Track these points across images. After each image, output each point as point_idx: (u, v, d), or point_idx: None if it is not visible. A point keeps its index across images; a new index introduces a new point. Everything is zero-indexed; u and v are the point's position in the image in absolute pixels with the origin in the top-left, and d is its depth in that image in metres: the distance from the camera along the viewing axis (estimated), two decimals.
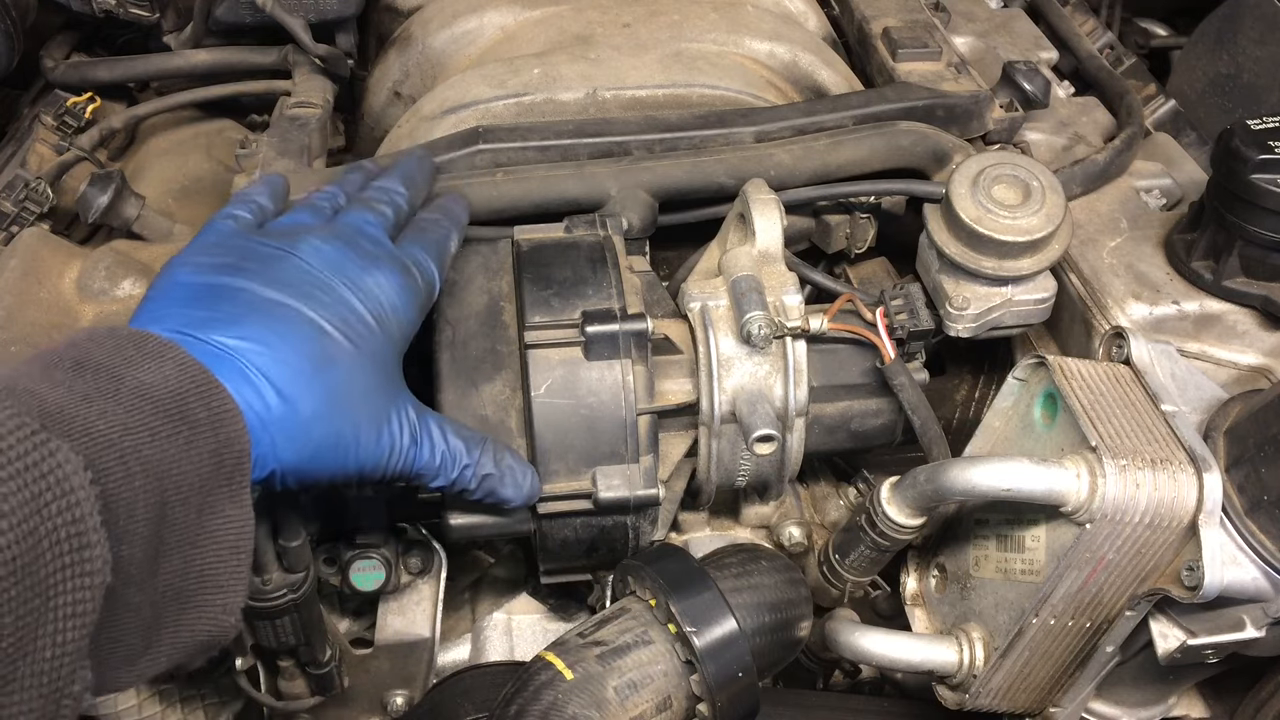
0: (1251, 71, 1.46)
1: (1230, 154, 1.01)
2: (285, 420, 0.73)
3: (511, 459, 0.90)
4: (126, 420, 0.63)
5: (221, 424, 0.68)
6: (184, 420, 0.66)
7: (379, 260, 0.84)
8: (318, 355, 0.76)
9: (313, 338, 0.76)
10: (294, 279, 0.79)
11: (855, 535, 0.98)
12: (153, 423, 0.64)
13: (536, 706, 0.83)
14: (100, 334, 0.69)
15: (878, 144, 1.13)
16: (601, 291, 0.96)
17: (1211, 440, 0.90)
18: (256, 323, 0.75)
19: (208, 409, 0.67)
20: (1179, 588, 0.85)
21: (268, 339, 0.74)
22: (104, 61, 1.44)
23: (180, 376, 0.67)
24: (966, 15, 1.45)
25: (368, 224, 0.87)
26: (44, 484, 0.55)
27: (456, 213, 0.98)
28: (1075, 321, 1.11)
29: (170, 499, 0.64)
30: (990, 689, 0.95)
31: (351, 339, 0.79)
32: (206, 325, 0.73)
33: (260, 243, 0.82)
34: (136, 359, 0.67)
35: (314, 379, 0.75)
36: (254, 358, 0.73)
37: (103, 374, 0.65)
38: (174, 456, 0.64)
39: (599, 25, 1.32)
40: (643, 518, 0.98)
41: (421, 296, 0.87)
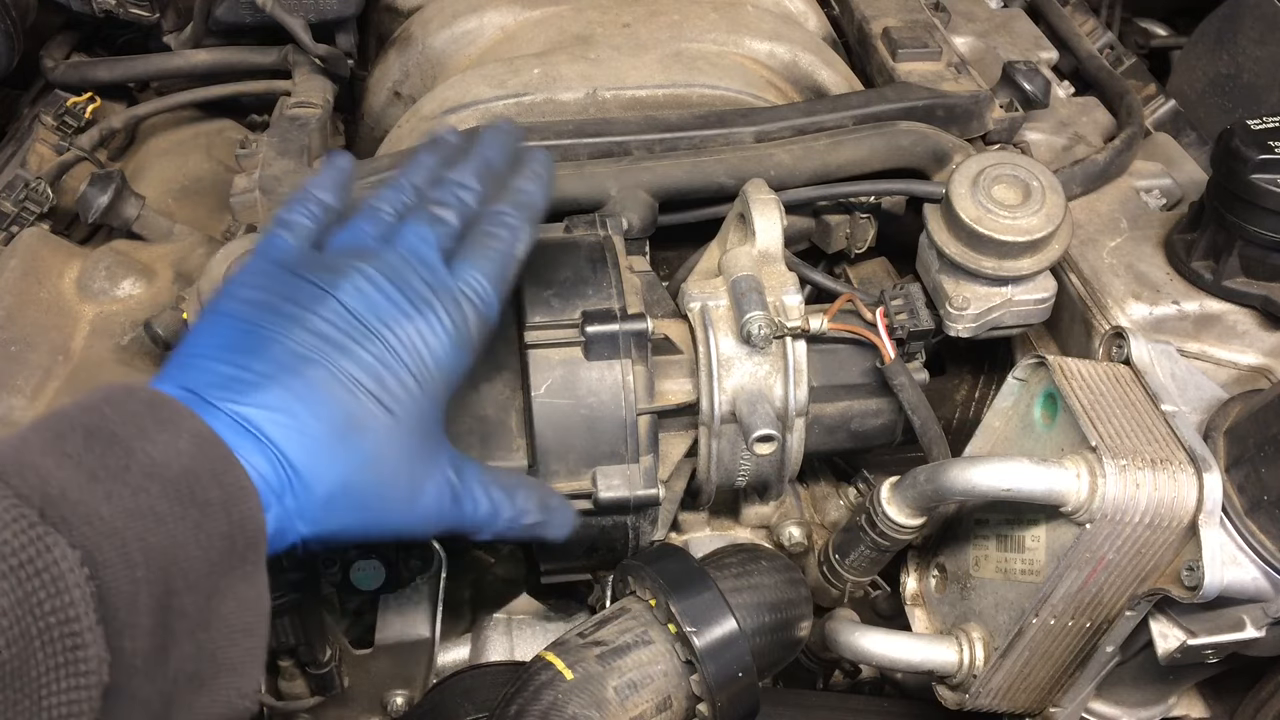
0: (1251, 71, 1.46)
1: (1230, 154, 1.01)
2: (302, 498, 0.70)
3: (555, 500, 0.87)
4: (133, 504, 0.60)
5: (235, 504, 0.65)
6: (194, 502, 0.63)
7: (428, 302, 0.77)
8: (345, 424, 0.72)
9: (341, 404, 0.72)
10: (330, 329, 0.73)
11: (855, 535, 0.98)
12: (160, 506, 0.61)
13: (536, 706, 0.83)
14: (118, 396, 0.66)
15: (878, 144, 1.13)
16: (601, 291, 0.96)
17: (1211, 440, 0.90)
18: (282, 387, 0.71)
19: (221, 488, 0.65)
20: (1179, 588, 0.85)
21: (292, 408, 0.70)
22: (104, 61, 1.44)
23: (195, 452, 0.65)
24: (966, 15, 1.45)
25: (424, 244, 0.79)
26: (38, 581, 0.54)
27: (532, 198, 0.87)
28: (1075, 321, 1.11)
29: (177, 586, 0.62)
30: (990, 689, 0.95)
31: (386, 403, 0.73)
32: (230, 387, 0.70)
33: (304, 278, 0.76)
34: (151, 429, 0.64)
35: (336, 454, 0.71)
36: (274, 430, 0.69)
37: (115, 447, 0.62)
38: (181, 542, 0.62)
39: (599, 25, 1.32)
40: (643, 518, 0.98)
41: (473, 335, 0.79)
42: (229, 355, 0.72)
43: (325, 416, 0.71)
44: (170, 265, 1.16)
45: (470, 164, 0.88)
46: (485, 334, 0.81)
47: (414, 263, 0.78)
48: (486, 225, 0.84)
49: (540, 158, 0.92)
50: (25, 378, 1.05)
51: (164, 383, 0.71)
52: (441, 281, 0.78)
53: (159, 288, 1.14)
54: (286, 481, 0.69)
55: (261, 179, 1.11)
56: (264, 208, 1.08)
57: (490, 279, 0.80)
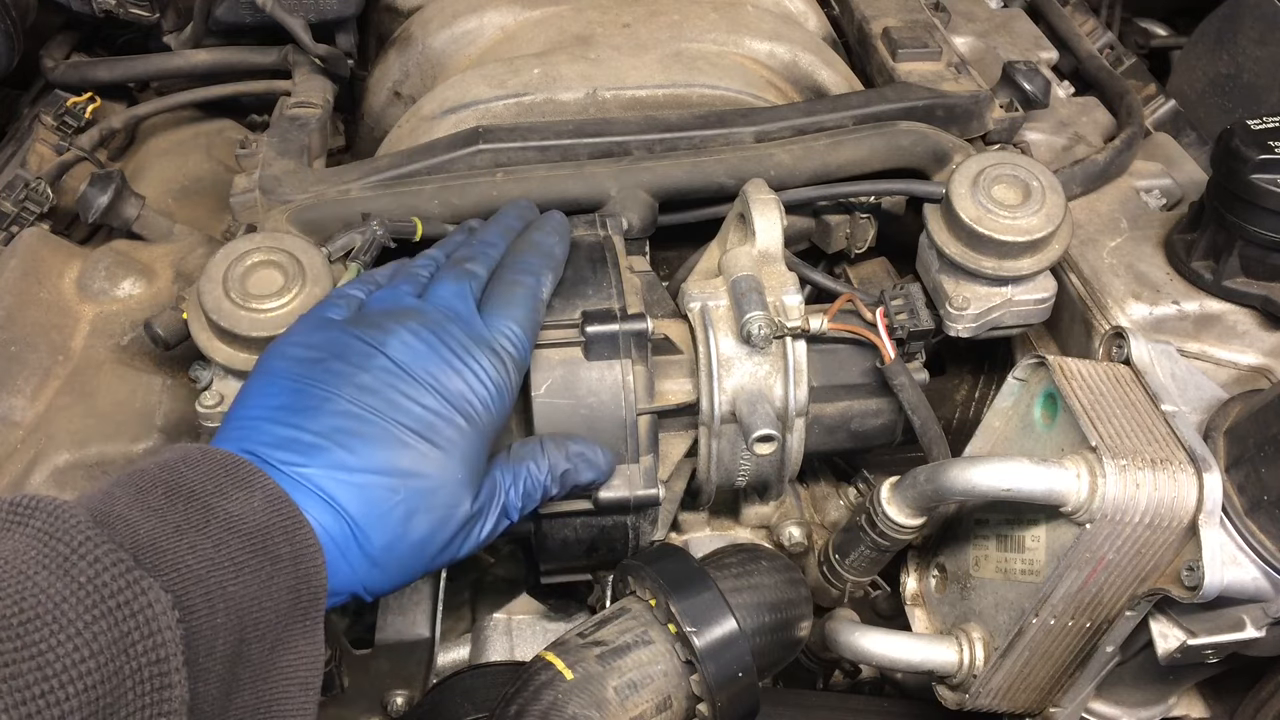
0: (1251, 71, 1.46)
1: (1230, 154, 1.01)
2: (363, 549, 0.74)
3: (577, 445, 0.89)
4: (214, 555, 0.64)
5: (302, 560, 0.69)
6: (267, 555, 0.67)
7: (469, 351, 0.82)
8: (400, 471, 0.76)
9: (395, 453, 0.76)
10: (379, 385, 0.78)
11: (855, 535, 0.98)
12: (239, 557, 0.65)
13: (536, 706, 0.83)
14: (194, 456, 0.70)
15: (878, 144, 1.13)
16: (601, 291, 0.96)
17: (1211, 440, 0.90)
18: (340, 447, 0.75)
19: (291, 544, 0.69)
20: (1179, 588, 0.85)
21: (347, 463, 0.74)
22: (104, 61, 1.44)
23: (267, 510, 0.68)
24: (966, 15, 1.45)
25: (458, 299, 0.86)
26: (133, 623, 0.57)
27: (551, 247, 0.95)
28: (1075, 321, 1.11)
29: (249, 635, 0.65)
30: (990, 689, 0.95)
31: (439, 444, 0.78)
32: (289, 448, 0.74)
33: (354, 335, 0.81)
34: (227, 487, 0.68)
35: (393, 503, 0.75)
36: (333, 488, 0.73)
37: (194, 504, 0.66)
38: (255, 593, 0.65)
39: (599, 25, 1.32)
40: (643, 518, 0.98)
41: (511, 378, 0.85)
42: (285, 416, 0.76)
43: (382, 468, 0.75)
44: (170, 265, 1.16)
45: (492, 227, 0.96)
46: (520, 378, 0.86)
47: (451, 315, 0.84)
48: (510, 274, 0.90)
49: (556, 216, 1.00)
50: (25, 378, 1.05)
51: (224, 444, 0.75)
52: (478, 331, 0.84)
53: (159, 288, 1.15)
54: (350, 534, 0.73)
55: (261, 179, 1.11)
56: (264, 208, 1.08)
57: (521, 325, 0.86)
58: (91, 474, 1.01)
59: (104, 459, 1.01)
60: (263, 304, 0.93)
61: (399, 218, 1.04)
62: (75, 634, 0.55)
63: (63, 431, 1.01)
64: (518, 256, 0.92)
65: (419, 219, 1.04)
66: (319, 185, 1.10)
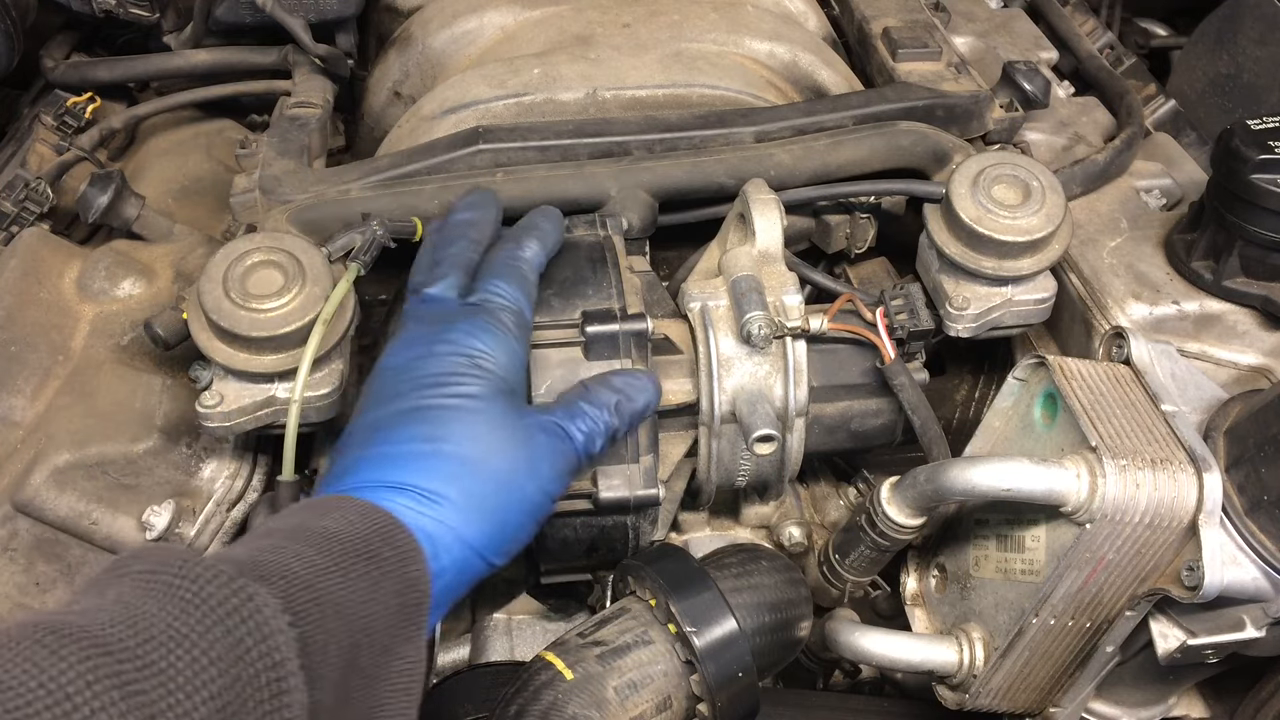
0: (1251, 71, 1.46)
1: (1230, 154, 1.01)
2: (443, 507, 0.75)
3: (619, 377, 0.90)
4: (319, 561, 0.64)
5: (406, 563, 0.70)
6: (372, 559, 0.67)
7: (448, 321, 0.84)
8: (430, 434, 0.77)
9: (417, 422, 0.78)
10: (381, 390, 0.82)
11: (855, 535, 0.98)
12: (344, 562, 0.66)
13: (536, 706, 0.83)
14: (285, 511, 0.72)
15: (878, 144, 1.13)
16: (601, 291, 0.96)
17: (1211, 440, 0.90)
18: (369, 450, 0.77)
19: (393, 548, 0.69)
20: (1179, 588, 0.85)
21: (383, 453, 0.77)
22: (104, 61, 1.44)
23: (364, 521, 0.70)
24: (966, 15, 1.45)
25: (430, 300, 0.88)
26: (244, 629, 0.56)
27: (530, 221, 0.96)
28: (1075, 321, 1.11)
29: (360, 641, 0.65)
30: (990, 689, 0.95)
31: (455, 392, 0.79)
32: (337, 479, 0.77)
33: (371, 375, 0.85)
34: (322, 513, 0.70)
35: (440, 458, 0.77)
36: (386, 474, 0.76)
37: (294, 528, 0.67)
38: (363, 598, 0.66)
39: (599, 25, 1.32)
40: (643, 518, 0.98)
41: (508, 325, 0.85)
42: (329, 470, 0.80)
43: (414, 438, 0.77)
44: (170, 265, 1.16)
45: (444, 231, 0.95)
46: (519, 320, 0.87)
47: (426, 312, 0.87)
48: (491, 252, 0.92)
49: (544, 207, 1.00)
50: (25, 378, 1.05)
51: None
52: (452, 307, 0.86)
53: (159, 288, 1.14)
54: (424, 499, 0.75)
55: (261, 179, 1.11)
56: (264, 208, 1.08)
57: (500, 278, 0.88)
58: (91, 474, 1.01)
59: (104, 459, 1.01)
60: (263, 304, 0.93)
61: (399, 218, 1.03)
62: (191, 646, 0.54)
63: (63, 431, 1.01)
64: (500, 239, 0.94)
65: (419, 219, 1.04)
66: (319, 185, 1.10)
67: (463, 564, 0.75)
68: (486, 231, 0.94)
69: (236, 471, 1.05)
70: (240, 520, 1.05)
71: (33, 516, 1.00)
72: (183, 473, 1.04)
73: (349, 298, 0.97)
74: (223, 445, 1.05)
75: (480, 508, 0.76)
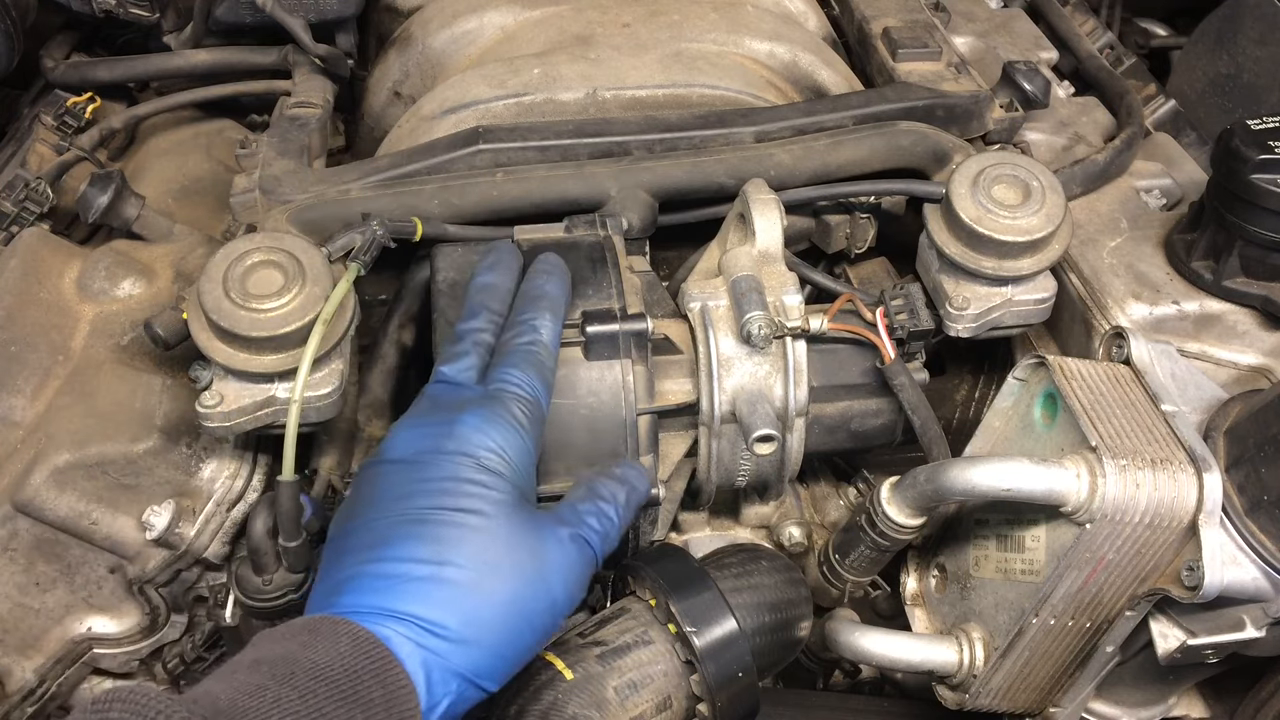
0: (1251, 71, 1.46)
1: (1230, 154, 1.01)
2: (443, 640, 0.72)
3: (618, 468, 0.88)
4: (301, 707, 0.63)
5: (395, 702, 0.68)
6: (358, 702, 0.66)
7: (459, 410, 0.81)
8: (434, 555, 0.74)
9: (419, 540, 0.74)
10: (385, 489, 0.78)
11: (855, 535, 0.98)
12: (325, 707, 0.64)
13: (536, 706, 0.83)
14: (279, 631, 0.70)
15: (878, 144, 1.13)
16: (601, 291, 0.96)
17: (1211, 440, 0.90)
18: (367, 566, 0.74)
19: (383, 686, 0.67)
20: (1179, 588, 0.85)
21: (381, 572, 0.73)
22: (104, 61, 1.44)
23: (355, 653, 0.68)
24: (966, 15, 1.45)
25: (443, 378, 0.85)
26: None
27: (543, 289, 0.92)
28: (1075, 321, 1.11)
29: None
30: (990, 689, 0.95)
31: (462, 507, 0.76)
32: (332, 595, 0.73)
33: (363, 468, 0.82)
34: (312, 642, 0.68)
35: (443, 585, 0.73)
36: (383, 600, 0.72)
37: (280, 663, 0.65)
38: None
39: (599, 25, 1.32)
40: (643, 518, 0.98)
41: (521, 418, 0.82)
42: (324, 577, 0.76)
43: (416, 558, 0.73)
44: (170, 265, 1.16)
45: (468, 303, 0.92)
46: (533, 412, 0.84)
47: (438, 396, 0.84)
48: (508, 334, 0.89)
49: (548, 258, 0.96)
50: (25, 378, 1.05)
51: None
52: (465, 394, 0.83)
53: (159, 288, 1.14)
54: (425, 631, 0.72)
55: (261, 179, 1.11)
56: (264, 208, 1.08)
57: (516, 367, 0.85)
58: (91, 474, 1.01)
59: (104, 459, 1.01)
60: (263, 304, 0.93)
61: (399, 218, 1.04)
62: None
63: (63, 431, 1.01)
64: (513, 315, 0.91)
65: (419, 219, 1.04)
66: (319, 185, 1.10)
67: (459, 695, 0.73)
68: (506, 301, 0.92)
69: (236, 471, 1.05)
70: (240, 520, 1.05)
71: (33, 516, 1.00)
72: (183, 473, 1.04)
73: (349, 298, 0.97)
74: (223, 445, 1.05)
75: (482, 638, 0.73)
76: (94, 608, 1.05)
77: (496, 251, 0.97)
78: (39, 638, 1.04)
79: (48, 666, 1.04)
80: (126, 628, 1.06)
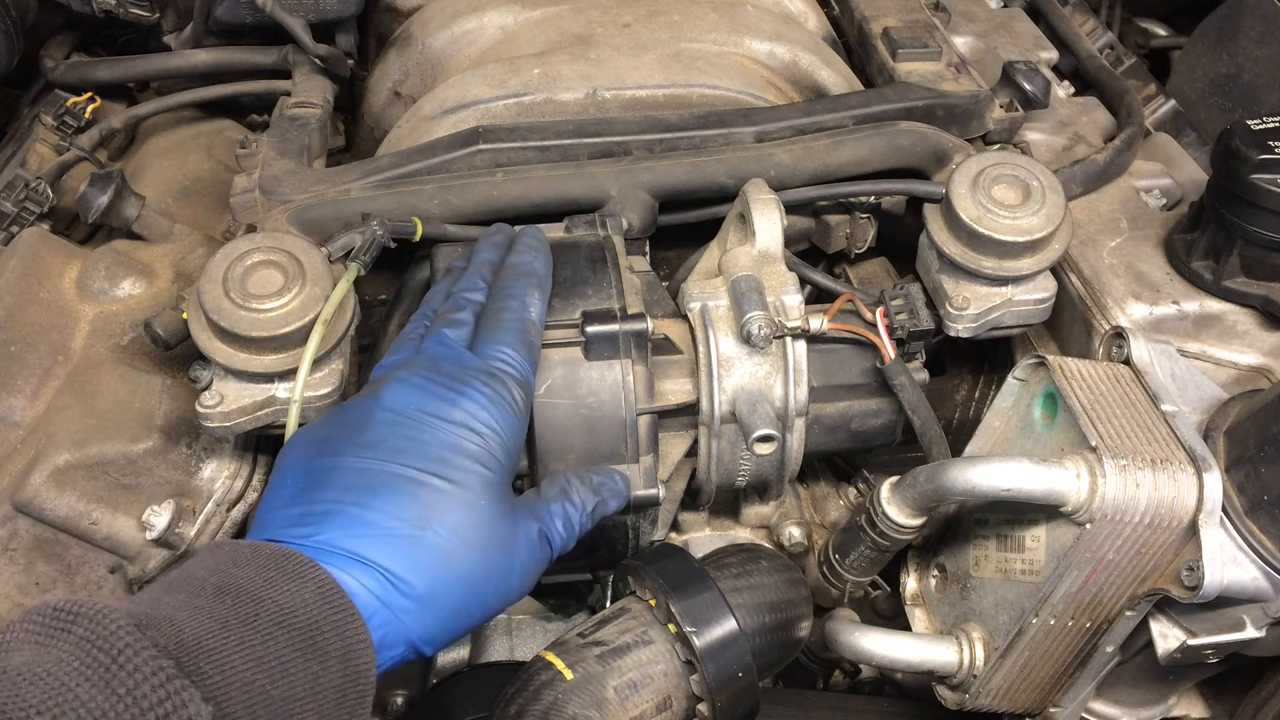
0: (1251, 71, 1.46)
1: (1230, 154, 1.01)
2: (406, 595, 0.73)
3: (599, 476, 0.89)
4: (262, 652, 0.63)
5: (352, 657, 0.68)
6: (315, 652, 0.66)
7: (463, 381, 0.81)
8: (419, 516, 0.75)
9: (410, 495, 0.75)
10: (381, 436, 0.78)
11: (855, 535, 0.98)
12: (286, 655, 0.64)
13: (536, 706, 0.83)
14: (243, 554, 0.70)
15: (878, 144, 1.13)
16: (601, 291, 0.96)
17: (1211, 440, 0.90)
18: (350, 504, 0.74)
19: (341, 639, 0.68)
20: (1179, 588, 0.85)
21: (365, 518, 0.73)
22: (104, 61, 1.44)
23: (319, 603, 0.68)
24: (966, 15, 1.45)
25: (446, 343, 0.86)
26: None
27: (530, 265, 0.94)
28: (1075, 321, 1.11)
29: None
30: (990, 689, 0.95)
31: (454, 479, 0.77)
32: (302, 523, 0.73)
33: (351, 403, 0.82)
34: (278, 580, 0.68)
35: (424, 543, 0.74)
36: (356, 545, 0.72)
37: (244, 598, 0.66)
38: (299, 694, 0.65)
39: (599, 25, 1.32)
40: (643, 518, 0.98)
41: (515, 399, 0.83)
42: (295, 497, 0.76)
43: (400, 517, 0.74)
44: (170, 265, 1.16)
45: (470, 273, 0.94)
46: (527, 395, 0.85)
47: (441, 356, 0.84)
48: (495, 303, 0.90)
49: (531, 231, 0.98)
50: (25, 378, 1.05)
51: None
52: (468, 363, 0.84)
53: (159, 288, 1.15)
54: (388, 584, 0.72)
55: (261, 179, 1.11)
56: (264, 208, 1.08)
57: (511, 346, 0.86)
58: (91, 474, 1.01)
59: (104, 459, 1.02)
60: (263, 304, 0.93)
61: (399, 218, 1.04)
62: None
63: (63, 431, 1.02)
64: (500, 286, 0.92)
65: (419, 219, 1.04)
66: (319, 185, 1.10)
67: (400, 657, 0.74)
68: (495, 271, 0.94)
69: (236, 471, 1.05)
70: (240, 520, 1.05)
71: (33, 516, 1.00)
72: (183, 473, 1.04)
73: (349, 298, 0.97)
74: (223, 445, 1.05)
75: (440, 609, 0.74)
76: None
77: (501, 231, 0.99)
78: None
79: None
80: None
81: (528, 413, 0.85)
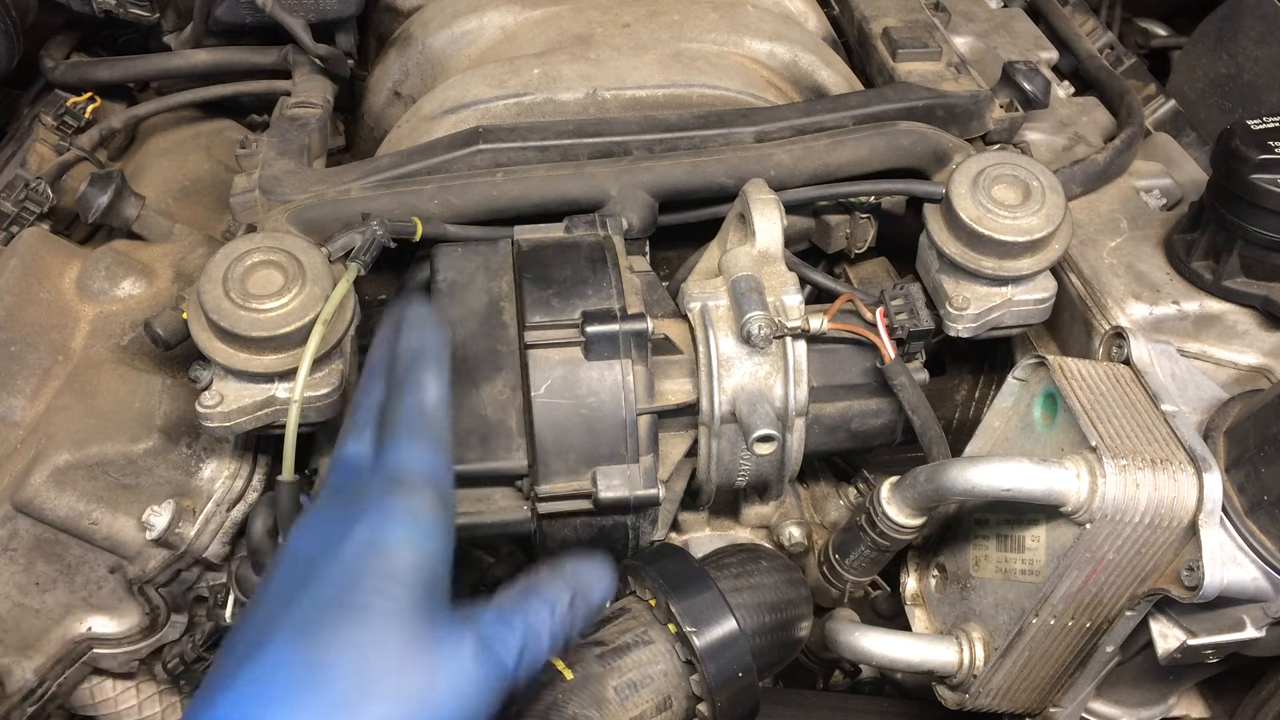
0: (1251, 71, 1.46)
1: (1230, 154, 1.01)
2: None
3: (573, 564, 0.78)
4: None
5: None
6: None
7: (359, 505, 0.72)
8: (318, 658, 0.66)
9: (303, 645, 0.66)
10: (276, 588, 0.70)
11: (855, 535, 0.98)
12: None
13: (536, 706, 0.83)
14: None
15: (878, 144, 1.13)
16: (601, 291, 0.96)
17: (1211, 440, 0.90)
18: (243, 678, 0.65)
19: None
20: (1179, 588, 0.85)
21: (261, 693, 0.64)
22: (104, 61, 1.44)
23: None
24: (966, 15, 1.45)
25: (346, 464, 0.77)
26: None
27: (419, 345, 0.80)
28: (1075, 321, 1.11)
29: None
30: (990, 689, 0.95)
31: (352, 605, 0.68)
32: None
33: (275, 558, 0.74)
34: None
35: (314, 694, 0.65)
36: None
37: None
38: None
39: (599, 25, 1.32)
40: (643, 518, 0.98)
41: (420, 502, 0.73)
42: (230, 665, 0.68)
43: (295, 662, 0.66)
44: (170, 265, 1.16)
45: (365, 376, 0.82)
46: (442, 499, 0.74)
47: (338, 486, 0.76)
48: (391, 400, 0.79)
49: (414, 307, 0.83)
50: (25, 378, 1.05)
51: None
52: (372, 481, 0.75)
53: (159, 288, 1.15)
54: None
55: (261, 179, 1.11)
56: (264, 208, 1.08)
57: (413, 444, 0.76)
58: (91, 474, 1.01)
59: (104, 459, 1.02)
60: (263, 304, 0.93)
61: (399, 218, 1.04)
62: None
63: (63, 431, 1.02)
64: (394, 378, 0.79)
65: (419, 219, 1.04)
66: (319, 185, 1.10)
67: None
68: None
69: (236, 471, 1.05)
70: (240, 520, 1.05)
71: (33, 516, 1.00)
72: (183, 473, 1.04)
73: (349, 298, 0.97)
74: (223, 445, 1.05)
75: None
76: (94, 608, 1.06)
77: (390, 318, 0.84)
78: (39, 638, 1.04)
79: (48, 666, 1.05)
80: (126, 628, 1.06)
81: (444, 514, 0.74)
